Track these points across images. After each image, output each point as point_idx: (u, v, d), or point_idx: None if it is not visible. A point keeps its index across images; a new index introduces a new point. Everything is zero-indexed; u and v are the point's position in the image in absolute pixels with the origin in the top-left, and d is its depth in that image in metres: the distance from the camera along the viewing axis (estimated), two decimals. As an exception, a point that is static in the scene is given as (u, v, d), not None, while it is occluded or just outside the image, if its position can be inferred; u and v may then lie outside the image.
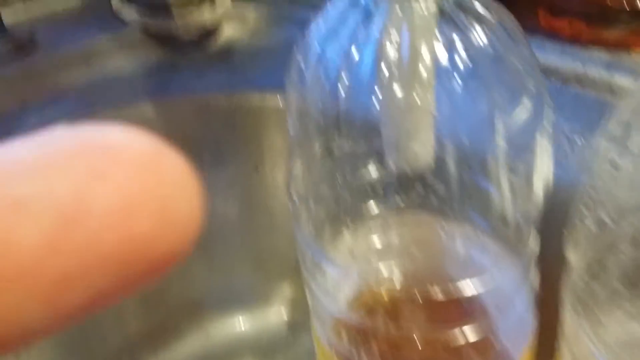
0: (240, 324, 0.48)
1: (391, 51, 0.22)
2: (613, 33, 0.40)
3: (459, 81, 0.23)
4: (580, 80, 0.38)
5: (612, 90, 0.37)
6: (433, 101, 0.23)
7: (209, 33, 0.52)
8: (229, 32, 0.54)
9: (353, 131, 0.26)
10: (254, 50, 0.52)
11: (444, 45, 0.22)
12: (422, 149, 0.23)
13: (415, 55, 0.21)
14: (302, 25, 0.24)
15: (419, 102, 0.22)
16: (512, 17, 0.24)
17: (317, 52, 0.23)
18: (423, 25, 0.22)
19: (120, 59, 0.50)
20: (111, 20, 0.52)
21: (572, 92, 0.38)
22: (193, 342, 0.48)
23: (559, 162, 0.35)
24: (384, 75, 0.22)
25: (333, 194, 0.29)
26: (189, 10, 0.51)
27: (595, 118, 0.36)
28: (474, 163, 0.25)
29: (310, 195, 0.28)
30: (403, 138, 0.23)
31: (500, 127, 0.23)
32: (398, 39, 0.21)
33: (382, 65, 0.22)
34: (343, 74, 0.23)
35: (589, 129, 0.36)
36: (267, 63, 0.49)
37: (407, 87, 0.22)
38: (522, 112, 0.24)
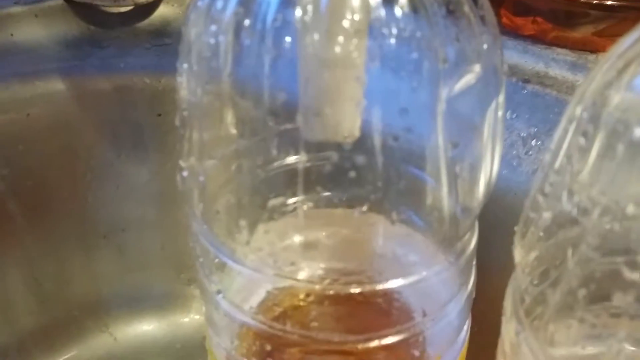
0: (151, 328, 0.43)
1: (309, -15, 0.17)
2: (579, 33, 0.38)
3: (396, 36, 0.18)
4: (541, 79, 0.35)
5: (574, 90, 0.34)
6: (362, 56, 0.18)
7: (141, 9, 0.47)
8: (164, 11, 0.49)
9: (273, 104, 0.21)
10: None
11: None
12: (344, 115, 0.18)
13: (339, -8, 0.17)
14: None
15: (340, 56, 0.17)
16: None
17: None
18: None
19: (35, 28, 0.45)
20: (32, -13, 0.47)
21: (532, 91, 0.35)
22: (97, 344, 0.43)
23: (511, 164, 0.32)
24: (297, 19, 0.17)
25: (244, 182, 0.24)
26: (122, -15, 0.46)
27: (554, 119, 0.33)
28: (411, 143, 0.20)
29: (212, 181, 0.23)
30: (321, 101, 0.18)
31: (443, 98, 0.19)
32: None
33: (296, 2, 0.17)
34: (247, 24, 0.18)
35: (546, 130, 0.33)
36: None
37: (326, 36, 0.17)
38: (471, 81, 0.19)
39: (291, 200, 0.24)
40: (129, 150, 0.44)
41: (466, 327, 0.23)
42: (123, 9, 0.46)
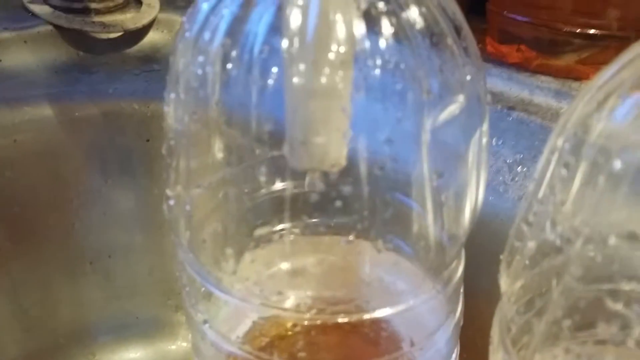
0: (138, 355, 0.43)
1: (295, 18, 0.17)
2: (562, 61, 0.39)
3: (381, 68, 0.19)
4: (526, 106, 0.36)
5: (558, 117, 0.35)
6: (348, 87, 0.18)
7: (130, 35, 0.48)
8: (154, 37, 0.49)
9: (260, 132, 0.22)
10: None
11: (366, 20, 0.18)
12: (330, 144, 0.19)
13: (325, 24, 0.17)
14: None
15: (326, 87, 0.17)
16: (457, 6, 0.20)
17: (203, 17, 0.18)
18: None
19: (24, 54, 0.45)
20: (21, 14, 0.47)
21: (517, 118, 0.35)
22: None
23: (497, 191, 0.32)
24: (284, 50, 0.17)
25: (231, 210, 0.24)
26: (111, 12, 0.47)
27: (539, 146, 0.33)
28: (397, 172, 0.20)
29: (198, 210, 0.23)
30: (307, 130, 0.18)
31: (427, 128, 0.19)
32: (305, 0, 0.17)
33: (283, 34, 0.17)
34: (234, 55, 0.18)
35: (532, 156, 0.33)
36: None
37: (312, 67, 0.17)
38: (455, 111, 0.19)
39: (277, 228, 0.24)
40: (117, 175, 0.44)
41: (455, 355, 0.23)
42: (112, 35, 0.46)
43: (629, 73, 0.17)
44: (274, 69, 0.18)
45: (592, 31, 0.37)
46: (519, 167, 0.34)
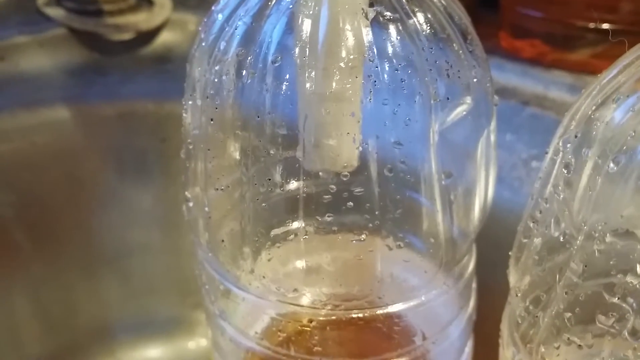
0: (156, 352, 0.44)
1: (306, 27, 0.18)
2: (577, 55, 0.38)
3: (389, 73, 0.19)
4: (541, 101, 0.36)
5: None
6: (358, 92, 0.19)
7: (143, 36, 0.48)
8: (166, 37, 0.50)
9: (275, 134, 0.22)
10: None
11: (374, 26, 0.19)
12: (342, 147, 0.19)
13: (334, 33, 0.18)
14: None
15: (337, 92, 0.18)
16: (463, 10, 0.21)
17: (219, 25, 0.19)
18: None
19: (40, 57, 0.46)
20: (35, 18, 0.48)
21: (531, 113, 0.35)
22: (103, 370, 0.43)
23: (513, 186, 0.32)
24: (295, 58, 0.18)
25: (247, 210, 0.25)
26: (123, 14, 0.47)
27: None
28: (406, 173, 0.21)
29: (216, 211, 0.24)
30: (320, 134, 0.19)
31: (435, 130, 0.20)
32: (316, 10, 0.18)
33: (295, 43, 0.18)
34: (249, 60, 0.19)
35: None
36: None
37: (323, 73, 0.18)
38: (462, 113, 0.20)
39: (293, 227, 0.25)
40: (133, 175, 0.45)
41: (468, 348, 0.23)
42: (125, 37, 0.47)
43: (633, 71, 0.17)
44: (287, 76, 0.19)
45: (605, 26, 0.37)
46: (534, 162, 0.33)
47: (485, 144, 0.21)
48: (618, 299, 0.15)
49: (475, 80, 0.20)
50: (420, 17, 0.19)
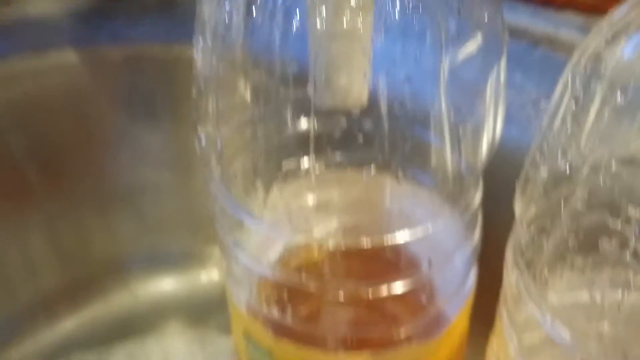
0: (169, 284, 0.45)
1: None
2: None
3: (400, 11, 0.19)
4: (551, 41, 0.36)
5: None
6: (368, 30, 0.19)
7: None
8: (173, -20, 0.49)
9: (285, 72, 0.23)
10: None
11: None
12: (352, 84, 0.20)
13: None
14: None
15: (347, 30, 0.19)
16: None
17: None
18: None
19: (47, 3, 0.46)
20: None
21: (542, 54, 0.35)
22: (117, 301, 0.45)
23: (521, 125, 0.33)
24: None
25: (259, 146, 0.25)
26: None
27: None
28: (415, 109, 0.21)
29: (228, 146, 0.24)
30: (330, 72, 0.20)
31: (445, 66, 0.20)
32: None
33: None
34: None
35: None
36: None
37: (333, 11, 0.18)
38: (473, 50, 0.20)
39: (304, 162, 0.25)
40: (143, 117, 0.45)
41: (472, 276, 0.24)
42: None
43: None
44: (297, 15, 0.19)
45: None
46: (543, 103, 0.34)
47: (495, 82, 0.22)
48: (621, 225, 0.15)
49: (486, 17, 0.20)
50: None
